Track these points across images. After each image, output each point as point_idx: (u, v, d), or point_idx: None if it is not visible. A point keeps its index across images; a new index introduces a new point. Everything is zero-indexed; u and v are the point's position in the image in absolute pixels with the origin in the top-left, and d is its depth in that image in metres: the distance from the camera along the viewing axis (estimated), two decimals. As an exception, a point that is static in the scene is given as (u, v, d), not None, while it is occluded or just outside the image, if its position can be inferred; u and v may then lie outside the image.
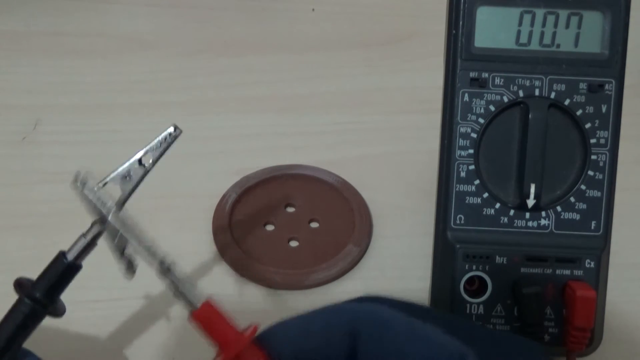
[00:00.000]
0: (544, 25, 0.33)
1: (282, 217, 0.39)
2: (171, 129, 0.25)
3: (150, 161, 0.24)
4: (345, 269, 0.36)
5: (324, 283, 0.36)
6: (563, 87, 0.33)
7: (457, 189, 0.34)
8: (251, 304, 0.33)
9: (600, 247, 0.33)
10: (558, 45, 0.33)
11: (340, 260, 0.36)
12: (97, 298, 0.35)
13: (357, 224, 0.37)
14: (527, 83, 0.33)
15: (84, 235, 0.24)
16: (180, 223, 0.38)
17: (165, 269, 0.22)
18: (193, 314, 0.22)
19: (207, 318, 0.21)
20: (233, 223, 0.38)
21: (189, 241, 0.38)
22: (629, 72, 0.34)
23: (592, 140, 0.33)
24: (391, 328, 0.21)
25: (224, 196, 0.39)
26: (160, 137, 0.24)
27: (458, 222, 0.34)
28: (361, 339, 0.21)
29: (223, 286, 0.35)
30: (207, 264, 0.37)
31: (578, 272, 0.33)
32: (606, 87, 0.33)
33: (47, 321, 0.33)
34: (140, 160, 0.24)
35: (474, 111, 0.33)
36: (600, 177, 0.33)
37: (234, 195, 0.39)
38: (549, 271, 0.33)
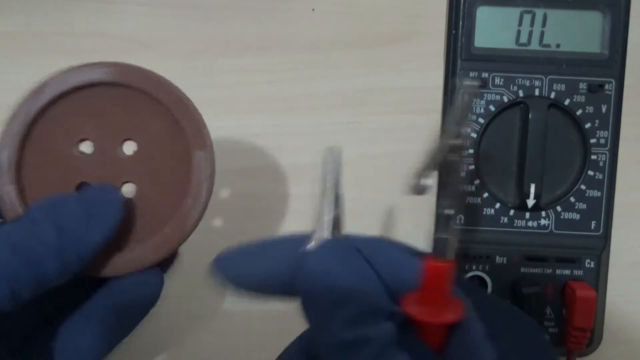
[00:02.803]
0: (544, 25, 0.33)
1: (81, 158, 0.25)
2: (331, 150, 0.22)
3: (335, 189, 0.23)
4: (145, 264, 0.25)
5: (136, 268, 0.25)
6: (563, 87, 0.33)
7: (457, 189, 0.34)
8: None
9: (600, 247, 0.33)
10: (558, 45, 0.33)
11: (143, 251, 0.25)
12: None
13: (181, 213, 0.25)
14: (527, 83, 0.33)
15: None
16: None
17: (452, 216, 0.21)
18: (442, 264, 0.20)
19: (449, 273, 0.20)
20: (27, 147, 0.24)
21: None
22: (629, 72, 0.34)
23: (592, 140, 0.33)
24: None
25: (35, 89, 0.25)
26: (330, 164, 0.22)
27: (458, 222, 0.34)
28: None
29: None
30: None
31: (578, 272, 0.33)
32: (606, 87, 0.33)
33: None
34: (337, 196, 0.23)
35: (474, 111, 0.34)
36: (600, 177, 0.33)
37: (49, 93, 0.24)
38: (549, 271, 0.33)
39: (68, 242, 0.22)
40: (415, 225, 0.37)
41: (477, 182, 0.34)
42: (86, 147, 0.25)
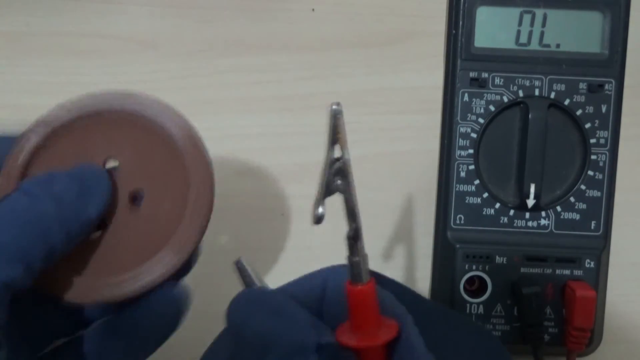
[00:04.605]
0: (543, 25, 0.33)
1: None
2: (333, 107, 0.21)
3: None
4: (152, 282, 0.24)
5: (129, 296, 0.24)
6: (563, 87, 0.33)
7: (457, 189, 0.34)
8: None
9: (600, 247, 0.33)
10: (558, 45, 0.33)
11: (147, 270, 0.24)
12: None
13: (188, 214, 0.24)
14: (527, 83, 0.33)
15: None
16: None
17: (356, 236, 0.20)
18: (360, 287, 0.20)
19: (369, 296, 0.20)
20: (38, 155, 0.25)
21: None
22: (629, 72, 0.34)
23: (592, 140, 0.33)
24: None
25: (20, 138, 0.25)
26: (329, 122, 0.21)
27: (458, 222, 0.34)
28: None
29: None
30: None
31: (578, 272, 0.33)
32: (606, 87, 0.33)
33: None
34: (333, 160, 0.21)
35: (474, 111, 0.34)
36: (600, 177, 0.33)
37: (34, 139, 0.25)
38: (549, 271, 0.33)
39: (68, 212, 0.21)
40: (415, 225, 0.37)
41: (477, 182, 0.34)
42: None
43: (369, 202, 0.37)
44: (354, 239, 0.20)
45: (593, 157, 0.33)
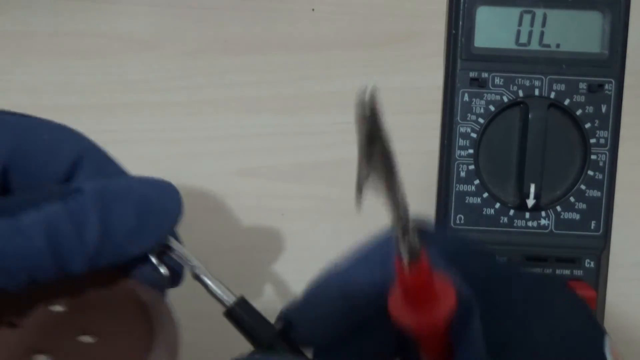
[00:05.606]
0: (543, 25, 0.33)
1: (35, 317, 0.20)
2: None
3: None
4: None
5: None
6: (563, 87, 0.33)
7: (457, 189, 0.34)
8: None
9: (600, 247, 0.33)
10: (558, 45, 0.33)
11: None
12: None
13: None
14: (527, 83, 0.33)
15: None
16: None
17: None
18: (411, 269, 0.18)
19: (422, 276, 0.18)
20: None
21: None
22: (628, 72, 0.34)
23: (592, 140, 0.33)
24: None
25: None
26: None
27: (458, 222, 0.34)
28: None
29: None
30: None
31: (578, 272, 0.33)
32: (606, 87, 0.33)
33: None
34: None
35: (473, 111, 0.34)
36: (600, 177, 0.33)
37: None
38: (549, 271, 0.33)
39: (107, 249, 0.19)
40: (415, 225, 0.37)
41: (477, 182, 0.34)
42: None
43: (368, 202, 0.37)
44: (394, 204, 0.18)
45: (593, 157, 0.33)
